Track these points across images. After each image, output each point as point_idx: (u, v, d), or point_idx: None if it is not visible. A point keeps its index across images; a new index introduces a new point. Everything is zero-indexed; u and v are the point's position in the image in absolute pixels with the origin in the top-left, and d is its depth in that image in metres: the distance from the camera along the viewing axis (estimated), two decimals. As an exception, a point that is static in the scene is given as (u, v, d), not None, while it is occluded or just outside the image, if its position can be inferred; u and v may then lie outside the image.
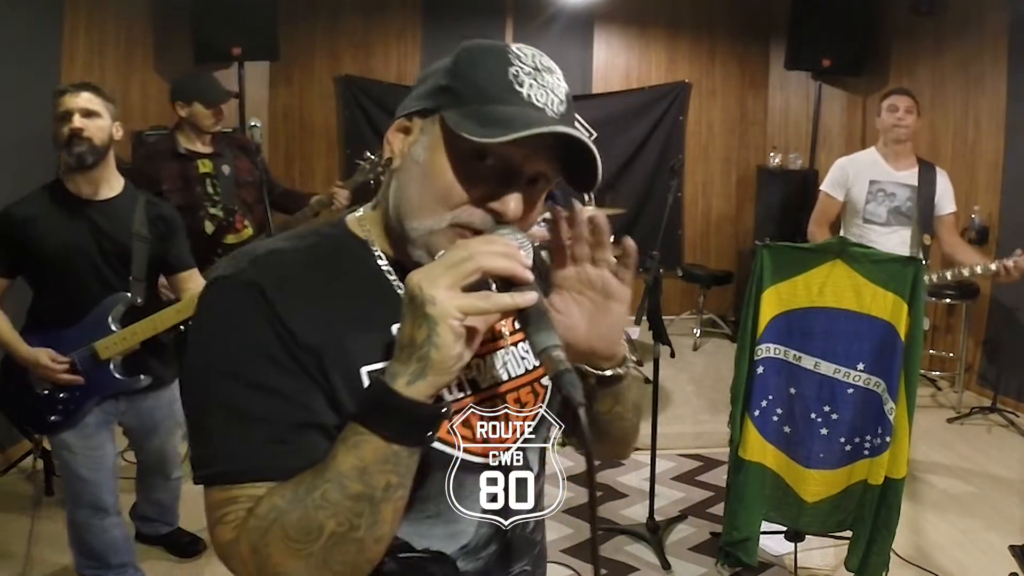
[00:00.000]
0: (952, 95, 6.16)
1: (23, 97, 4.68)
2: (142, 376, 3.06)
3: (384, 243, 1.17)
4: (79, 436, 2.98)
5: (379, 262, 1.15)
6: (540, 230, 6.15)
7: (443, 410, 0.98)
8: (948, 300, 5.79)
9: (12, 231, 2.86)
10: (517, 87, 1.08)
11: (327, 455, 0.96)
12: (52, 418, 2.96)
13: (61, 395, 2.95)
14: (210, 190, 4.12)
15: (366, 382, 1.05)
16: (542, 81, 1.13)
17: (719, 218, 7.99)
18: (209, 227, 4.14)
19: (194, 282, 3.18)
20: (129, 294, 2.98)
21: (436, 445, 1.10)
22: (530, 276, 0.98)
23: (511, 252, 0.98)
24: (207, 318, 1.05)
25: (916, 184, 4.38)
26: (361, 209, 1.24)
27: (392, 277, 1.14)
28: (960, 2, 5.93)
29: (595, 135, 7.54)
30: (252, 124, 3.93)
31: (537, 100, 1.10)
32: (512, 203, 1.06)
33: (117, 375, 2.99)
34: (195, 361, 1.04)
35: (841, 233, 4.60)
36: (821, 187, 4.68)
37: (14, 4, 4.52)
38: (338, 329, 1.05)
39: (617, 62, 7.64)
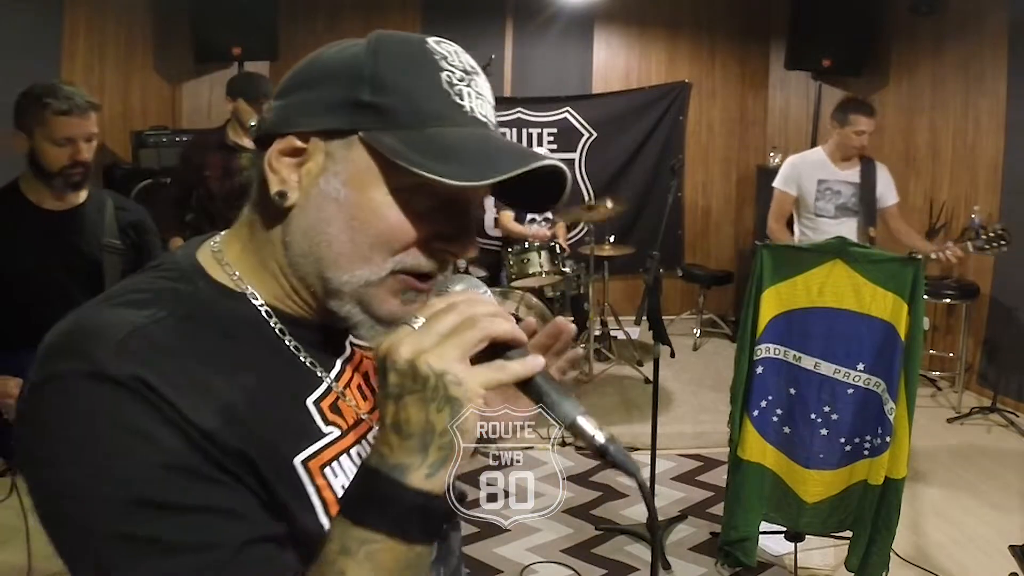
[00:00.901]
0: (952, 95, 6.16)
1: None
2: None
3: (263, 290, 0.94)
4: None
5: (265, 318, 0.93)
6: (541, 229, 6.17)
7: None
8: (948, 300, 5.79)
9: None
10: (457, 99, 0.89)
11: (326, 569, 0.78)
12: None
13: None
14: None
15: (303, 476, 0.88)
16: (477, 88, 0.92)
17: (719, 218, 7.99)
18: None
19: None
20: None
21: None
22: (525, 337, 0.85)
23: (503, 313, 0.83)
24: (81, 431, 0.77)
25: (858, 181, 4.79)
26: (211, 243, 0.99)
27: (285, 337, 0.94)
28: (960, 2, 5.93)
29: (596, 135, 7.55)
30: (251, 124, 3.96)
31: (480, 113, 0.91)
32: (471, 248, 0.93)
33: None
34: (74, 490, 0.77)
35: (795, 224, 4.99)
36: (774, 184, 5.02)
37: (14, 4, 4.52)
38: (250, 418, 0.84)
39: (617, 62, 7.64)
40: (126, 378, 0.77)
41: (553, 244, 5.74)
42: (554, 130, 7.54)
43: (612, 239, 6.46)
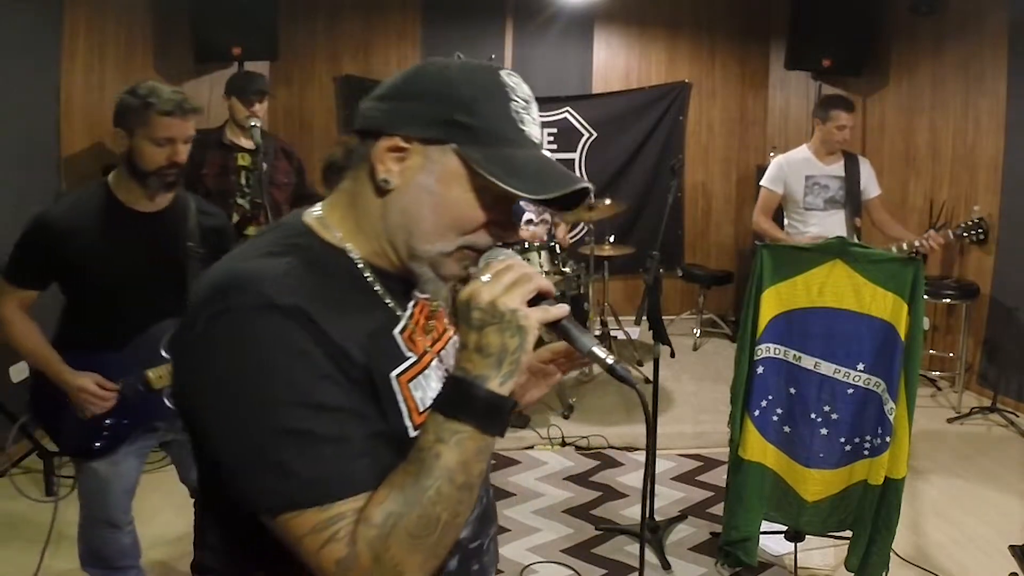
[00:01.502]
0: (952, 95, 6.16)
1: (23, 97, 4.69)
2: None
3: (360, 248, 1.23)
4: (110, 462, 2.77)
5: (362, 271, 1.22)
6: (539, 230, 6.16)
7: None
8: (948, 300, 5.79)
9: (52, 241, 2.57)
10: (521, 126, 1.19)
11: (425, 454, 1.06)
12: (96, 444, 2.71)
13: (108, 421, 2.69)
14: (243, 182, 4.49)
15: (396, 387, 1.17)
16: (532, 116, 1.22)
17: (719, 218, 7.99)
18: (235, 216, 4.45)
19: None
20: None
21: None
22: (555, 291, 1.18)
23: (539, 273, 1.16)
24: (258, 349, 1.03)
25: (842, 175, 5.05)
26: (316, 209, 1.28)
27: (376, 286, 1.24)
28: (960, 2, 5.93)
29: (596, 135, 7.56)
30: (252, 124, 3.99)
31: (535, 138, 1.22)
32: (516, 232, 1.21)
33: (171, 406, 2.66)
34: (247, 394, 1.03)
35: (784, 219, 5.27)
36: (761, 183, 5.26)
37: (14, 4, 4.53)
38: (363, 341, 1.13)
39: (617, 62, 7.65)
40: (290, 308, 1.05)
41: (553, 244, 5.73)
42: (554, 130, 7.55)
43: (612, 239, 6.47)
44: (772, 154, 7.39)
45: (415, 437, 1.11)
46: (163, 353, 2.72)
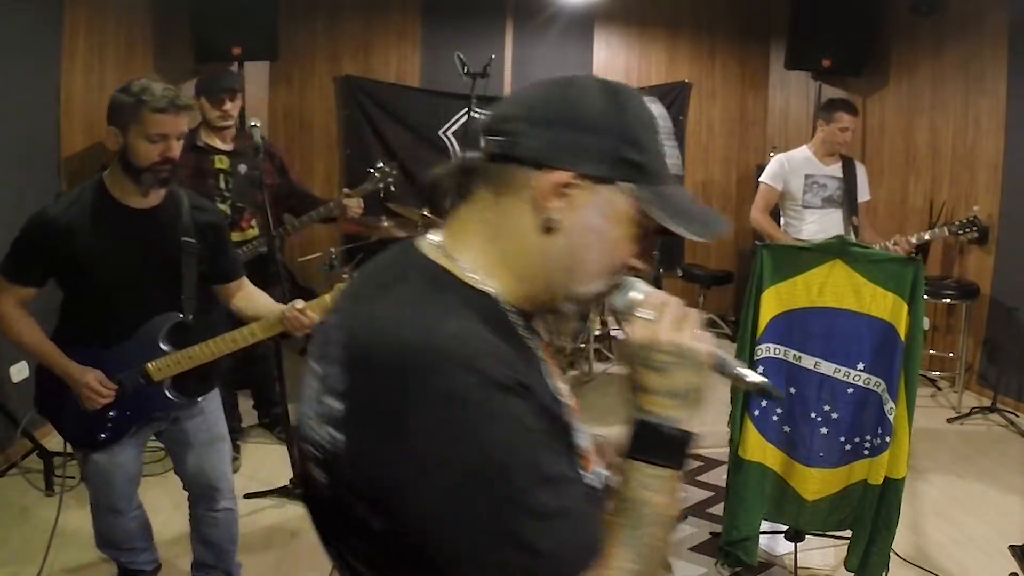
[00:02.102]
0: (952, 95, 6.16)
1: (23, 96, 4.69)
2: (199, 399, 2.94)
3: (504, 289, 1.13)
4: (109, 454, 2.85)
5: (507, 314, 1.13)
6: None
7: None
8: (948, 300, 5.80)
9: (51, 238, 2.61)
10: (668, 159, 1.15)
11: (634, 503, 1.05)
12: (101, 436, 2.79)
13: (111, 412, 2.77)
14: (221, 185, 4.33)
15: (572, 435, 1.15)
16: (673, 145, 1.17)
17: (719, 218, 7.98)
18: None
19: (244, 291, 3.02)
20: (180, 314, 2.80)
21: None
22: None
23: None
24: (489, 430, 0.94)
25: (841, 176, 5.19)
26: (434, 240, 1.17)
27: (520, 330, 1.14)
28: (960, 2, 5.93)
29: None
30: (252, 124, 3.97)
31: (677, 170, 1.18)
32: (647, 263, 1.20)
33: (171, 397, 2.83)
34: (482, 478, 0.93)
35: (781, 216, 5.38)
36: (761, 179, 5.35)
37: (14, 4, 4.53)
38: (549, 396, 1.11)
39: (617, 62, 7.64)
40: (511, 382, 0.97)
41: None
42: (554, 130, 7.53)
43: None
44: (772, 154, 7.39)
45: (591, 483, 1.13)
46: (162, 346, 2.77)
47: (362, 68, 7.41)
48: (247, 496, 4.23)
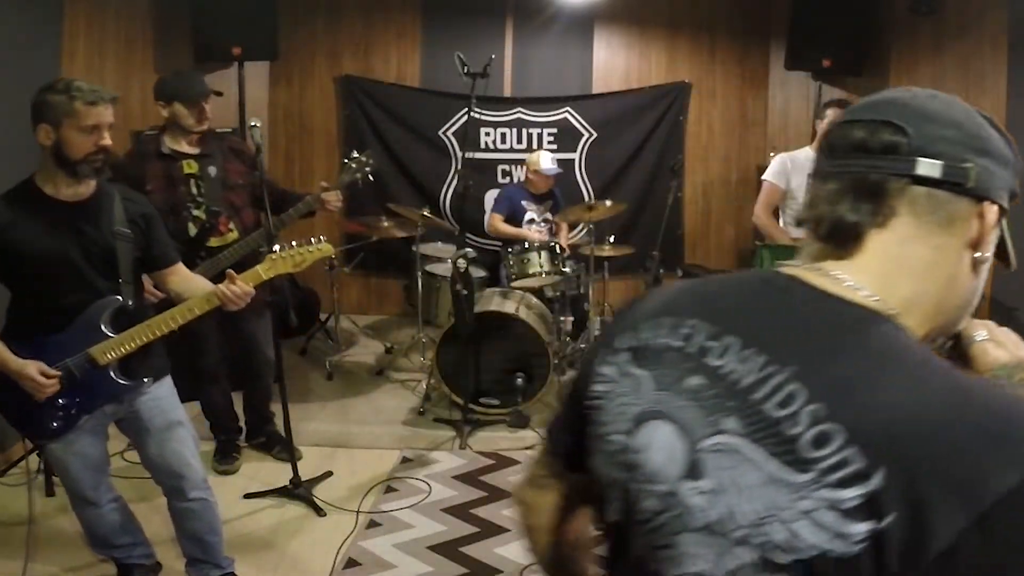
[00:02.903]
0: (952, 94, 6.14)
1: (23, 96, 4.68)
2: (145, 379, 2.95)
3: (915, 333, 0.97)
4: (64, 443, 2.91)
5: None
6: (539, 233, 6.16)
7: None
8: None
9: None
10: None
11: None
12: (53, 424, 2.85)
13: (60, 400, 2.83)
14: (194, 191, 4.20)
15: None
16: None
17: (719, 218, 7.99)
18: (192, 229, 4.20)
19: (179, 276, 3.08)
20: (119, 297, 2.87)
21: None
22: None
23: None
24: None
25: None
26: (849, 281, 0.98)
27: None
28: (959, 2, 5.93)
29: (596, 135, 7.56)
30: (252, 124, 3.94)
31: None
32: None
33: (119, 380, 2.88)
34: None
35: (780, 216, 5.22)
36: (764, 177, 5.27)
37: (14, 4, 4.52)
38: None
39: (617, 62, 7.64)
40: None
41: (553, 244, 5.73)
42: (554, 130, 7.54)
43: (612, 239, 6.45)
44: (772, 154, 7.40)
45: None
46: (104, 330, 2.85)
47: (362, 68, 7.41)
48: (247, 496, 4.23)
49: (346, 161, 4.56)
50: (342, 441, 5.00)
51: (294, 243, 3.07)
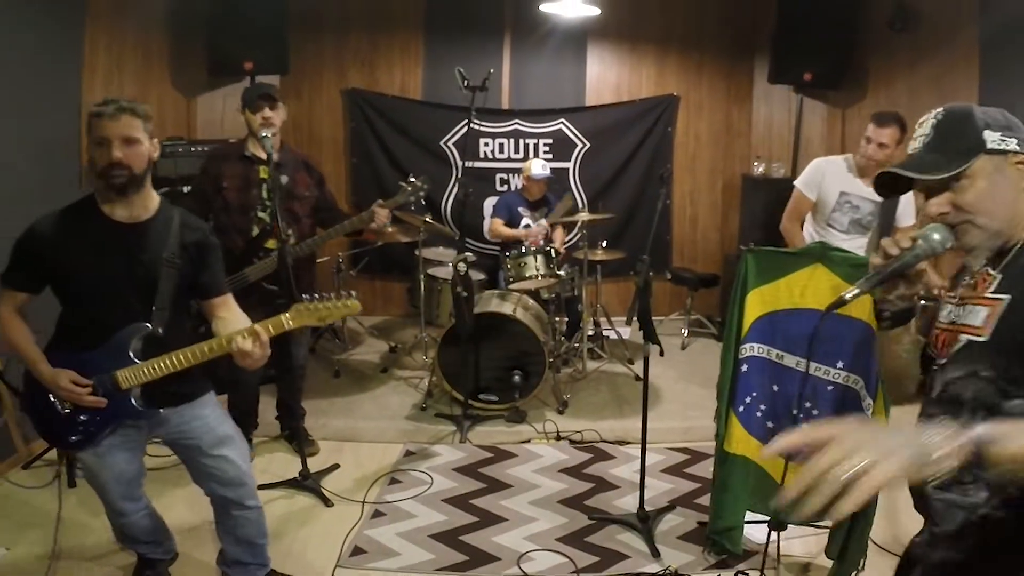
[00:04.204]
0: (926, 107, 6.00)
1: (46, 109, 4.69)
2: (161, 410, 2.84)
3: None
4: (94, 455, 2.83)
5: None
6: (538, 228, 6.17)
7: None
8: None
9: (38, 247, 2.67)
10: None
11: None
12: (72, 438, 2.78)
13: (82, 417, 2.75)
14: (264, 195, 4.27)
15: None
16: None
17: (706, 224, 7.99)
18: (255, 230, 4.33)
19: (226, 309, 2.92)
20: (148, 325, 2.74)
21: None
22: None
23: None
24: None
25: (879, 200, 4.40)
26: None
27: None
28: (934, 19, 5.94)
29: (589, 145, 7.56)
30: (263, 135, 3.96)
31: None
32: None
33: (136, 405, 2.76)
34: None
35: (805, 225, 4.71)
36: (796, 183, 4.70)
37: (38, 21, 4.53)
38: None
39: (609, 76, 7.65)
40: None
41: (549, 248, 5.74)
42: (550, 140, 7.55)
43: (604, 244, 6.47)
44: (756, 163, 7.42)
45: None
46: (131, 355, 2.73)
47: (368, 82, 7.41)
48: (259, 488, 4.21)
49: (403, 184, 4.55)
50: (349, 435, 5.00)
51: (323, 295, 2.82)
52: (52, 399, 2.76)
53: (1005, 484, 1.39)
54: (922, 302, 1.80)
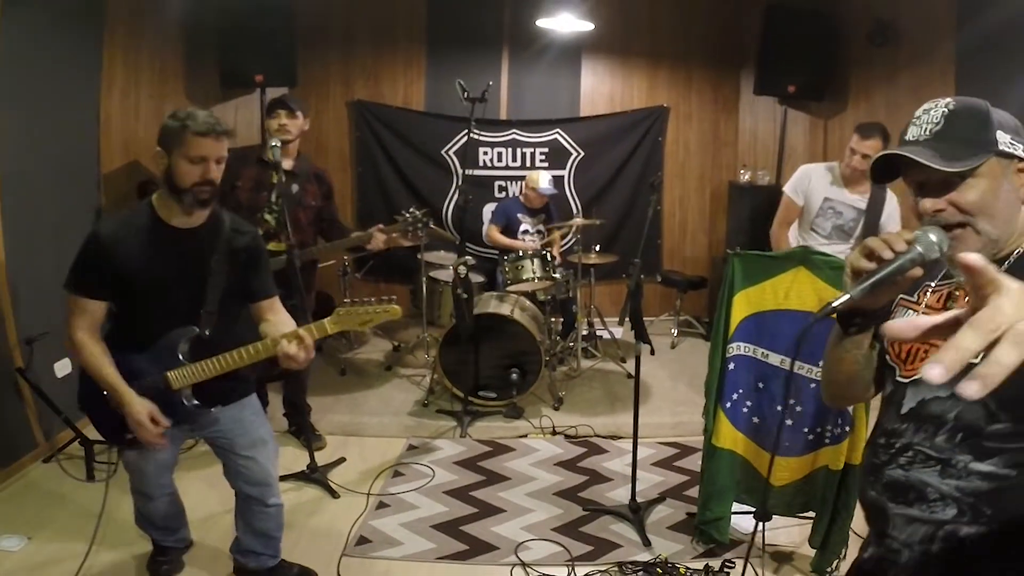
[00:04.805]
0: (905, 118, 6.06)
1: (67, 122, 4.70)
2: (212, 409, 2.85)
3: None
4: (139, 450, 2.85)
5: None
6: (532, 241, 6.17)
7: None
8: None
9: (102, 252, 2.62)
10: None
11: None
12: (128, 436, 2.75)
13: None
14: (272, 199, 4.28)
15: None
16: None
17: (694, 229, 7.99)
18: (259, 231, 4.23)
19: (273, 312, 2.89)
20: (196, 328, 2.73)
21: None
22: None
23: None
24: None
25: (863, 208, 4.38)
26: None
27: None
28: (911, 34, 5.95)
29: (583, 154, 7.56)
30: (272, 144, 3.96)
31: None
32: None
33: (187, 404, 2.76)
34: None
35: (792, 229, 4.68)
36: (785, 189, 4.68)
37: (59, 36, 4.53)
38: None
39: (602, 88, 7.65)
40: None
41: (545, 252, 5.74)
42: (546, 149, 7.55)
43: (598, 248, 6.47)
44: (742, 171, 7.43)
45: None
46: (180, 357, 2.72)
47: (372, 94, 7.41)
48: (268, 480, 4.24)
49: (404, 214, 4.57)
50: (354, 430, 5.00)
51: (366, 300, 2.68)
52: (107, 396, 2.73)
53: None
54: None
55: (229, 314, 2.84)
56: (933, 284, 1.62)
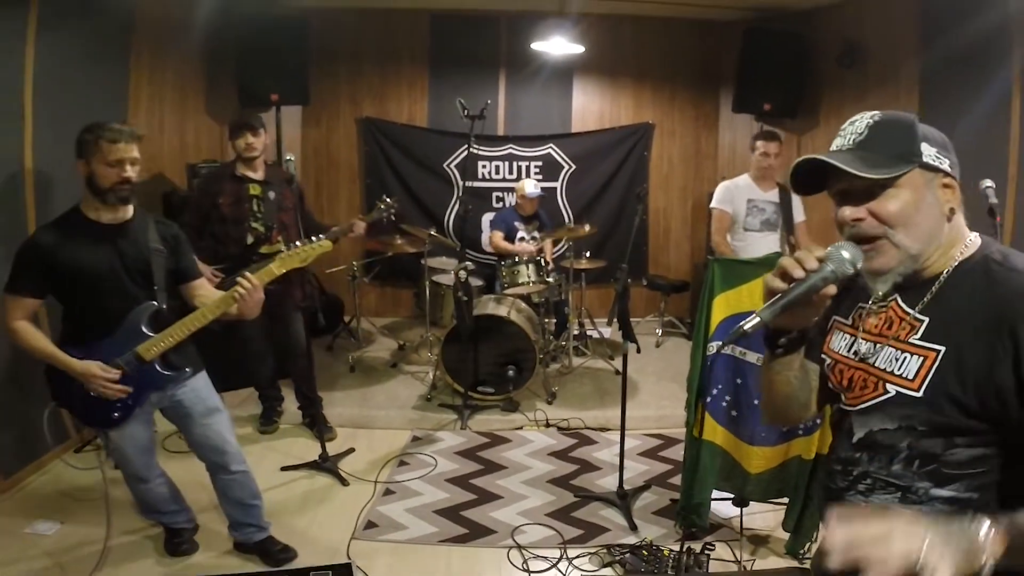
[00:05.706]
0: None
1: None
2: (187, 369, 2.97)
3: None
4: (119, 429, 2.92)
5: None
6: (527, 246, 6.17)
7: None
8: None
9: (40, 256, 2.73)
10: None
11: None
12: (114, 415, 2.86)
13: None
14: (255, 208, 4.39)
15: None
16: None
17: (677, 236, 8.00)
18: (250, 238, 4.39)
19: (204, 289, 3.03)
20: (155, 303, 2.85)
21: None
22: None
23: None
24: None
25: (777, 201, 5.02)
26: None
27: None
28: (879, 56, 5.97)
29: (574, 167, 7.57)
30: (287, 158, 3.99)
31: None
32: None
33: (163, 372, 2.89)
34: None
35: (727, 239, 5.13)
36: (713, 205, 5.18)
37: (89, 59, 4.54)
38: None
39: (592, 106, 7.66)
40: None
41: (539, 258, 5.75)
42: (540, 163, 7.56)
43: (588, 254, 6.48)
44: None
45: None
46: (145, 331, 2.83)
47: (379, 111, 7.42)
48: (283, 469, 4.23)
49: (378, 203, 4.74)
50: (362, 423, 5.00)
51: (298, 243, 2.94)
52: (84, 387, 2.80)
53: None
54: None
55: (172, 294, 2.98)
56: (868, 306, 1.48)
